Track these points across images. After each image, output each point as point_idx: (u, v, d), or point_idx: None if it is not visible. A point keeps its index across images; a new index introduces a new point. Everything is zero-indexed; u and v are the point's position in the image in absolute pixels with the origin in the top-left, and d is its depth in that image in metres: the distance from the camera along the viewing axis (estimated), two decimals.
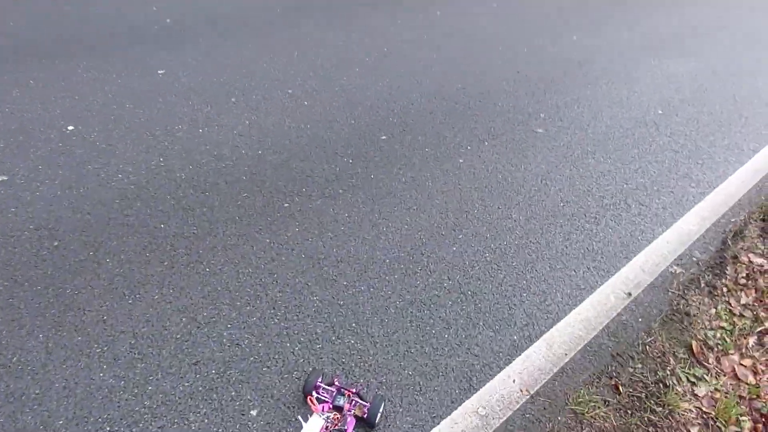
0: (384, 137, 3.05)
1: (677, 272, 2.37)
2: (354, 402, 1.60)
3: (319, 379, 1.64)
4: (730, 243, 2.58)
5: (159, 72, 3.50)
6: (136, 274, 1.98)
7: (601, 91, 3.93)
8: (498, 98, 3.67)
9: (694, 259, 2.47)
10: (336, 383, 1.65)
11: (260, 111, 3.16)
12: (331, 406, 1.59)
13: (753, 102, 4.07)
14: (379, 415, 1.56)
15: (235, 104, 3.20)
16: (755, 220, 2.78)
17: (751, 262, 2.48)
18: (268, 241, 2.21)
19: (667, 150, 3.29)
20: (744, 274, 2.40)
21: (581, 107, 3.67)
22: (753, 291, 2.32)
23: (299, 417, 1.56)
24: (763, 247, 2.58)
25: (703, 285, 2.32)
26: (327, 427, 1.53)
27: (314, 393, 1.61)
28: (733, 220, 2.76)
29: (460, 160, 2.93)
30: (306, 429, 1.50)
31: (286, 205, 2.43)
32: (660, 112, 3.75)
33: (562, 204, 2.68)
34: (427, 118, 3.30)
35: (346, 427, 1.54)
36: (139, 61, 3.63)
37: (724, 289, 2.31)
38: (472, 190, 2.70)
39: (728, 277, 2.38)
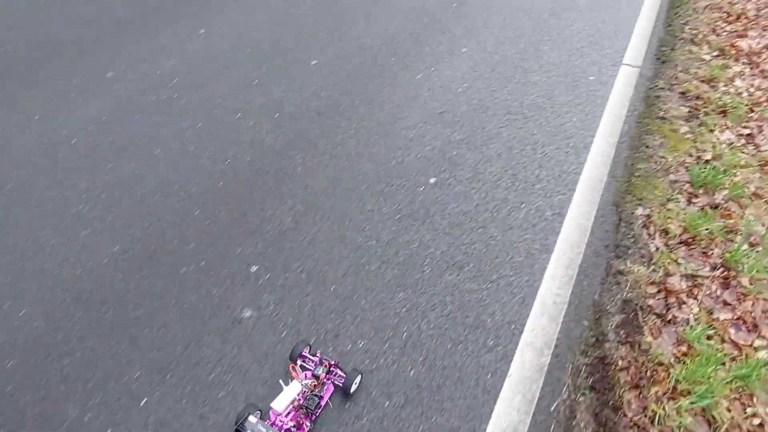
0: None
1: None
2: (333, 373, 1.81)
3: (305, 350, 1.84)
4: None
5: None
6: None
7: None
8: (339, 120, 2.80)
9: None
10: (318, 355, 1.85)
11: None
12: (312, 374, 1.79)
13: None
14: (354, 385, 1.77)
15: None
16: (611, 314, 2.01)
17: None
18: None
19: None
20: None
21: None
22: None
23: (281, 381, 1.78)
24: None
25: None
26: (304, 392, 1.73)
27: (298, 361, 1.81)
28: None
29: None
30: (285, 392, 1.71)
31: None
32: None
33: None
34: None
35: (323, 394, 1.75)
36: None
37: None
38: None
39: None
